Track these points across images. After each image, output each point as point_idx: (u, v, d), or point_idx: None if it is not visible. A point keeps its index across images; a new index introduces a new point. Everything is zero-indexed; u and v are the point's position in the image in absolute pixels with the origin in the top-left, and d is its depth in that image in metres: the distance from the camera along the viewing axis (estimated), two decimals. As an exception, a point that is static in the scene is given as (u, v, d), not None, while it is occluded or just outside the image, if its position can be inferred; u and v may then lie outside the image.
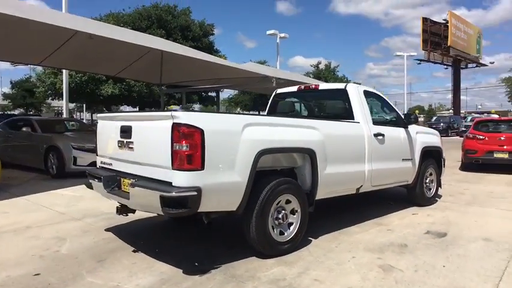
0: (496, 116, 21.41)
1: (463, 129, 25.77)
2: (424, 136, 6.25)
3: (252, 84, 15.33)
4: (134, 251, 4.10)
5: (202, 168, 3.29)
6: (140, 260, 3.85)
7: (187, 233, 4.85)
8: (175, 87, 17.04)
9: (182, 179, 3.27)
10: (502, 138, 10.10)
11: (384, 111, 5.75)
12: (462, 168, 11.06)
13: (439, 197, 6.83)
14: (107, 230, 4.88)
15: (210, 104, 28.43)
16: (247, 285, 3.32)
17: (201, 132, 3.28)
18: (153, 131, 3.56)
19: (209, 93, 26.67)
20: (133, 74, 15.67)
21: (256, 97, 32.96)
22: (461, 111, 47.68)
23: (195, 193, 3.24)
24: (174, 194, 3.21)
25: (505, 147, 9.99)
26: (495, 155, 10.07)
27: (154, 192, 3.32)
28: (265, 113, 6.31)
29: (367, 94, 5.35)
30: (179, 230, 4.99)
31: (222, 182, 3.44)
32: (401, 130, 5.72)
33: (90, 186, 4.48)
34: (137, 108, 23.96)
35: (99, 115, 4.61)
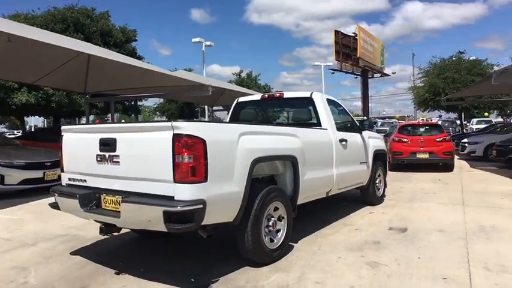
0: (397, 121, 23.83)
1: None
2: (374, 140, 6.77)
3: (186, 93, 15.03)
4: (117, 273, 3.80)
5: (205, 179, 3.20)
6: (130, 283, 3.58)
7: (162, 247, 4.63)
8: (101, 96, 16.02)
9: (186, 192, 3.15)
10: (422, 140, 11.33)
11: (341, 118, 6.10)
12: (390, 168, 12.11)
13: (384, 196, 7.42)
14: (73, 253, 4.44)
15: (133, 114, 27.16)
16: (256, 295, 3.30)
17: (204, 142, 3.19)
18: (146, 143, 3.35)
19: (132, 102, 25.52)
20: (55, 81, 14.40)
21: (183, 106, 32.22)
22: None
23: (201, 206, 3.14)
24: (179, 208, 3.07)
25: (424, 148, 11.21)
26: (417, 156, 11.24)
27: (155, 207, 3.14)
28: (228, 117, 6.29)
29: (328, 102, 5.65)
30: (152, 245, 4.73)
31: (224, 193, 3.38)
32: (358, 135, 6.13)
33: (55, 207, 4.06)
34: (52, 119, 21.88)
35: (64, 127, 4.19)
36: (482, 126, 26.00)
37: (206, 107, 27.27)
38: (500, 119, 39.05)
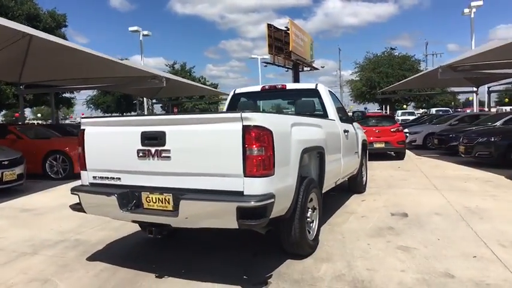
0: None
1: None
2: (360, 131, 7.07)
3: (137, 84, 14.26)
4: (159, 277, 3.53)
5: (273, 172, 3.10)
6: (183, 285, 3.36)
7: (180, 245, 4.40)
8: (39, 87, 14.51)
9: (257, 186, 3.02)
10: (377, 131, 12.07)
11: (339, 109, 6.27)
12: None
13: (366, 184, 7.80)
14: (90, 259, 4.03)
15: (65, 107, 25.01)
16: (326, 284, 3.30)
17: (271, 134, 3.09)
18: (207, 136, 3.14)
19: (64, 95, 23.48)
20: (-16, 70, 12.83)
21: (120, 98, 30.24)
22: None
23: (272, 200, 3.04)
24: (253, 203, 2.94)
25: (381, 138, 11.97)
26: (375, 145, 11.95)
27: (227, 204, 2.97)
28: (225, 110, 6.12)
29: (329, 93, 5.77)
30: (169, 244, 4.46)
31: (284, 186, 3.32)
32: (351, 126, 6.35)
33: (79, 209, 3.64)
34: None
35: (86, 120, 3.74)
36: (407, 117, 28.38)
37: (145, 99, 26.13)
38: (421, 111, 42.89)
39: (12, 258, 4.12)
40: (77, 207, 3.68)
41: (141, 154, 3.36)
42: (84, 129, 3.70)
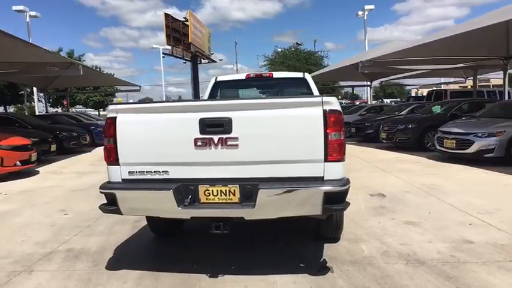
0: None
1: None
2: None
3: (36, 71, 12.53)
4: (213, 276, 3.28)
5: (345, 157, 3.12)
6: (244, 281, 3.17)
7: (197, 243, 4.12)
8: None
9: (336, 171, 3.02)
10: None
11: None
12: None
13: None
14: (114, 268, 3.52)
15: None
16: (382, 261, 3.44)
17: (343, 118, 3.08)
18: (283, 121, 2.97)
19: None
20: None
21: (3, 88, 25.42)
22: (200, 102, 52.89)
23: (350, 184, 3.06)
24: (340, 188, 2.93)
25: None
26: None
27: (313, 190, 2.90)
28: (206, 97, 5.82)
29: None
30: (185, 242, 4.14)
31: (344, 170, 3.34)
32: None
33: (114, 211, 3.14)
34: None
35: (119, 106, 3.19)
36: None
37: (35, 89, 23.05)
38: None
39: (6, 281, 3.34)
40: (110, 209, 3.16)
41: (199, 143, 3.03)
42: (114, 117, 3.18)
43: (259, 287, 3.09)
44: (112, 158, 3.20)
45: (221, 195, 3.07)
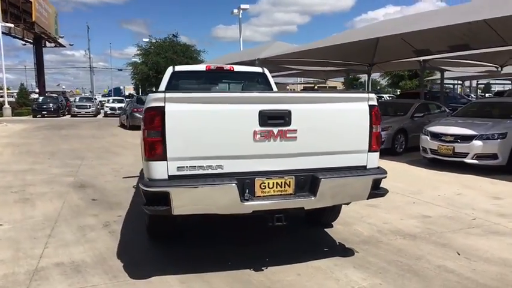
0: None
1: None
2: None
3: None
4: (257, 270, 3.25)
5: (378, 147, 3.48)
6: (301, 269, 3.25)
7: (198, 242, 3.98)
8: None
9: (375, 160, 3.35)
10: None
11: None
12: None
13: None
14: (136, 276, 3.11)
15: None
16: (385, 238, 3.94)
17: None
18: (334, 114, 3.15)
19: None
20: None
21: None
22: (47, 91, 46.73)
23: None
24: (383, 175, 3.28)
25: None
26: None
27: (366, 178, 3.19)
28: (163, 88, 5.42)
29: None
30: (207, 239, 3.92)
31: None
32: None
33: (165, 211, 2.83)
34: None
35: (169, 95, 2.80)
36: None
37: None
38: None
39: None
40: (160, 209, 2.82)
41: (259, 136, 2.97)
42: (161, 107, 2.83)
43: (311, 273, 3.21)
44: (157, 152, 2.86)
45: (276, 188, 3.08)
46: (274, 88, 5.79)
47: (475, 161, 7.44)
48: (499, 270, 3.26)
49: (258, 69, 5.81)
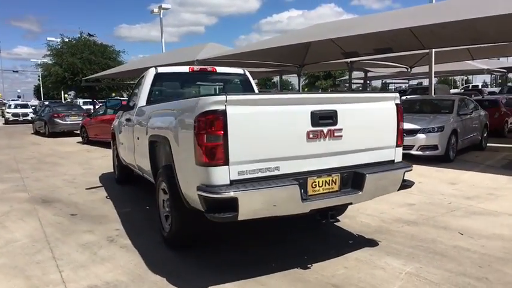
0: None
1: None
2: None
3: None
4: (304, 267, 3.30)
5: (398, 143, 3.76)
6: (345, 262, 3.37)
7: (243, 242, 3.91)
8: None
9: (400, 154, 3.63)
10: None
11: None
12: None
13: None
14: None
15: None
16: (393, 227, 4.26)
17: None
18: (369, 113, 3.34)
19: None
20: None
21: None
22: None
23: None
24: (411, 168, 3.57)
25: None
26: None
27: (400, 171, 3.45)
28: (146, 93, 5.12)
29: None
30: (234, 244, 3.81)
31: None
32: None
33: (233, 217, 2.75)
34: None
35: (230, 97, 2.68)
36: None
37: None
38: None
39: None
40: (228, 216, 2.71)
41: (311, 136, 3.03)
42: (222, 110, 2.72)
43: (355, 266, 3.36)
44: (219, 157, 2.76)
45: (325, 186, 3.18)
46: (255, 88, 5.83)
47: (420, 152, 8.34)
48: (502, 244, 3.77)
49: (240, 71, 5.79)
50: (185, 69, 5.42)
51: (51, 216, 4.97)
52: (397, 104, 3.54)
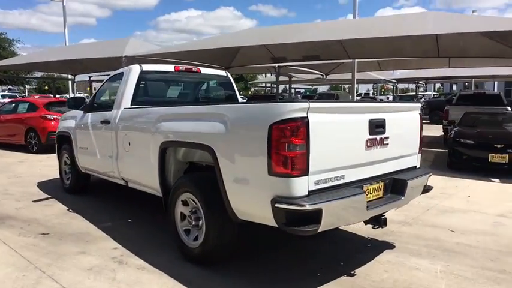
0: None
1: None
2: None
3: None
4: (351, 275, 3.32)
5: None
6: (385, 265, 3.46)
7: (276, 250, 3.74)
8: None
9: (420, 160, 3.87)
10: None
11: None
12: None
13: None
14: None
15: None
16: (397, 228, 4.52)
17: None
18: (404, 122, 3.52)
19: None
20: None
21: None
22: None
23: None
24: (431, 172, 3.84)
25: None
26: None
27: (427, 176, 3.67)
28: (131, 92, 4.59)
29: None
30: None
31: None
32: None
33: (316, 229, 2.63)
34: None
35: (312, 104, 2.53)
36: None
37: None
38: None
39: None
40: (312, 229, 2.58)
41: (369, 144, 3.07)
42: (305, 117, 2.58)
43: (392, 268, 3.48)
44: (301, 167, 2.62)
45: (374, 192, 3.24)
46: (236, 90, 5.66)
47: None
48: (491, 238, 4.27)
49: (222, 73, 5.55)
50: (170, 68, 5.00)
51: (16, 237, 4.14)
52: (419, 114, 3.78)
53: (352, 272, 3.37)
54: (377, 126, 3.15)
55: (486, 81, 41.45)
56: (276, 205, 2.62)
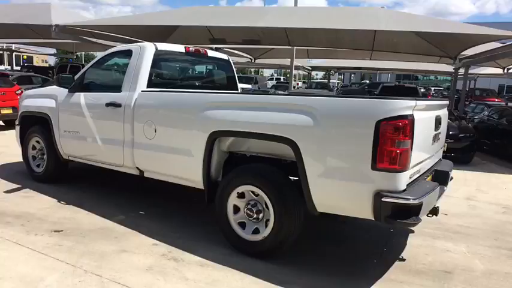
0: None
1: None
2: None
3: None
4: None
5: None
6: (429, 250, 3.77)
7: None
8: None
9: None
10: (3, 93, 9.51)
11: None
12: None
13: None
14: None
15: None
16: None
17: None
18: (445, 118, 3.83)
19: None
20: None
21: None
22: None
23: None
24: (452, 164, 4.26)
25: (7, 102, 9.57)
26: (2, 112, 9.41)
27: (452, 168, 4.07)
28: (147, 74, 4.17)
29: None
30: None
31: None
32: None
33: (414, 223, 2.81)
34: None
35: (420, 102, 2.69)
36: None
37: None
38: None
39: None
40: (413, 222, 2.74)
41: (434, 139, 3.34)
42: (412, 114, 2.70)
43: (432, 252, 3.80)
44: (405, 163, 2.76)
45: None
46: (235, 72, 5.48)
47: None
48: (480, 220, 4.90)
49: (225, 56, 5.30)
50: (181, 48, 4.62)
51: (27, 236, 3.55)
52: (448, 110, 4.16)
53: (401, 257, 3.63)
54: (439, 123, 3.42)
55: (383, 73, 46.83)
56: (383, 199, 2.70)
